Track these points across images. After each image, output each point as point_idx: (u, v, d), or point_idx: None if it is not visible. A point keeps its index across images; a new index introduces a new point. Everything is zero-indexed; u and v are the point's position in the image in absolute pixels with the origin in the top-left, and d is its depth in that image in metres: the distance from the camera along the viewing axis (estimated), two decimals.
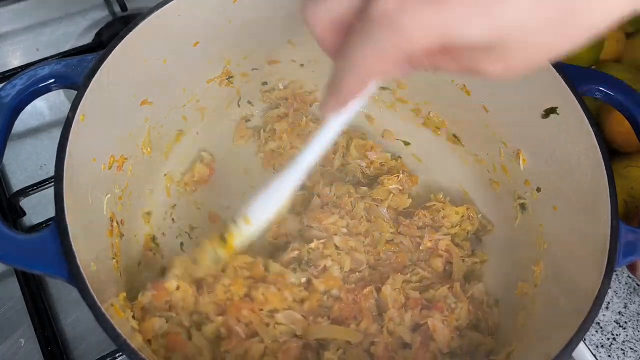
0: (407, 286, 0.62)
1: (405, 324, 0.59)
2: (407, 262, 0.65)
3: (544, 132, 0.62)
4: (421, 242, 0.66)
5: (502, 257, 0.69)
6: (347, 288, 0.61)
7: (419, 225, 0.68)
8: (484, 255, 0.69)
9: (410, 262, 0.66)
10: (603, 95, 0.59)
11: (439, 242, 0.66)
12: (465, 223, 0.69)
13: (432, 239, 0.66)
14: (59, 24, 0.95)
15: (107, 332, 0.43)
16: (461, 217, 0.69)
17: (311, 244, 0.63)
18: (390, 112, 0.81)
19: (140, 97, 0.64)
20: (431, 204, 0.70)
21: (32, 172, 0.78)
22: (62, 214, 0.47)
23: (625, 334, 0.68)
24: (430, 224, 0.68)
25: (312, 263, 0.62)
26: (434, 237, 0.66)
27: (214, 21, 0.66)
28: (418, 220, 0.68)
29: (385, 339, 0.58)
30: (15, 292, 0.67)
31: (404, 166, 0.76)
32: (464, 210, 0.69)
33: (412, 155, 0.78)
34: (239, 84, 0.77)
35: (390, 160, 0.75)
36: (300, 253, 0.63)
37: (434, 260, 0.66)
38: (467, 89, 0.70)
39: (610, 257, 0.49)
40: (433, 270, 0.65)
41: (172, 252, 0.68)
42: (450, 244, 0.66)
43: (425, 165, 0.77)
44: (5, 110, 0.51)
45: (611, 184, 0.53)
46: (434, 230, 0.68)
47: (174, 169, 0.74)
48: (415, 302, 0.60)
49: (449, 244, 0.66)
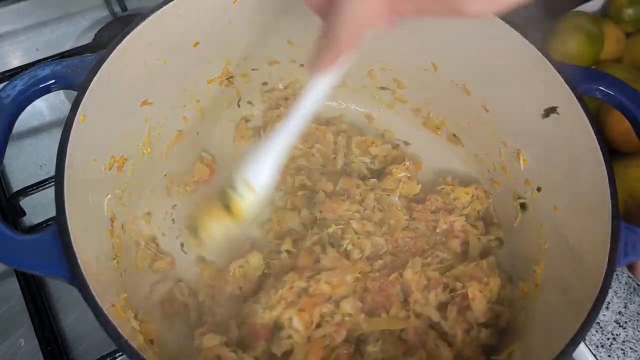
0: (427, 269, 0.63)
1: (431, 304, 0.60)
2: (425, 246, 0.66)
3: (545, 132, 0.62)
4: (437, 226, 0.67)
5: (502, 257, 0.69)
6: (372, 277, 0.61)
7: (432, 209, 0.69)
8: (498, 232, 0.70)
9: (428, 246, 0.67)
10: (603, 95, 0.59)
11: (454, 223, 0.68)
12: (475, 203, 0.70)
13: (448, 221, 0.67)
14: (59, 24, 0.95)
15: (109, 333, 0.43)
16: (471, 197, 0.70)
17: (329, 229, 0.64)
18: (390, 112, 0.81)
19: (141, 98, 0.64)
20: (441, 187, 0.71)
21: (32, 172, 0.78)
22: (63, 215, 0.47)
23: (625, 334, 0.68)
24: (443, 207, 0.69)
25: (336, 244, 0.63)
26: (449, 219, 0.68)
27: (214, 21, 0.66)
28: (430, 205, 0.69)
29: (413, 322, 0.59)
30: (15, 292, 0.67)
31: (406, 154, 0.76)
32: (473, 190, 0.71)
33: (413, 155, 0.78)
34: (239, 84, 0.77)
35: (392, 150, 0.76)
36: (320, 237, 0.64)
37: (451, 242, 0.67)
38: (467, 88, 0.70)
39: (611, 257, 0.49)
40: (451, 251, 0.66)
41: (173, 252, 0.68)
42: (466, 224, 0.68)
43: (425, 165, 0.77)
44: (6, 111, 0.51)
45: (611, 184, 0.53)
46: (447, 212, 0.69)
47: (174, 169, 0.74)
48: (436, 282, 0.61)
49: (464, 224, 0.68)
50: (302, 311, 0.57)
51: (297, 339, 0.56)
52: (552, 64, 0.58)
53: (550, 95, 0.60)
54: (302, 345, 0.56)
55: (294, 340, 0.56)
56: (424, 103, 0.78)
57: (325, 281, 0.59)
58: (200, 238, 0.56)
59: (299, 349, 0.56)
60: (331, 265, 0.61)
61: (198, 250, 0.65)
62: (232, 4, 0.65)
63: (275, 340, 0.56)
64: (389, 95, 0.79)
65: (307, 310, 0.57)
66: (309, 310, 0.57)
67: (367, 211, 0.68)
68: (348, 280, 0.60)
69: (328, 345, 0.57)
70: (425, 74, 0.74)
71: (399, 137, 0.80)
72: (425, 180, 0.74)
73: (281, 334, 0.56)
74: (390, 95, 0.79)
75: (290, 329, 0.56)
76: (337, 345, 0.57)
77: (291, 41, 0.74)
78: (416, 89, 0.77)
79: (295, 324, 0.56)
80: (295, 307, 0.57)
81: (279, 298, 0.58)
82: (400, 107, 0.80)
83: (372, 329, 0.58)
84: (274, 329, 0.57)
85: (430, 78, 0.74)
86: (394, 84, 0.78)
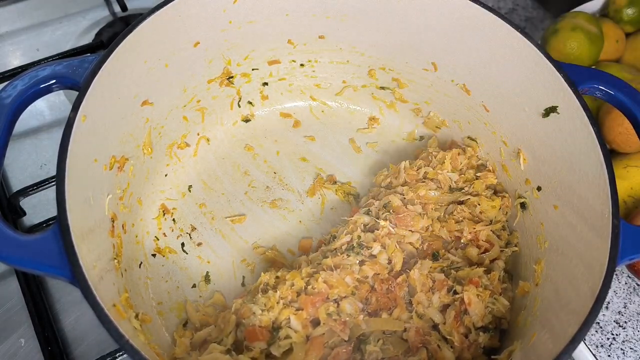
0: (434, 270, 0.62)
1: (434, 306, 0.60)
2: (440, 249, 0.65)
3: (545, 131, 0.62)
4: (461, 236, 0.65)
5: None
6: (380, 278, 0.61)
7: (457, 219, 0.67)
8: (515, 240, 0.68)
9: (445, 251, 0.65)
10: (603, 94, 0.59)
11: (480, 233, 0.66)
12: (499, 215, 0.68)
13: (472, 231, 0.65)
14: (59, 24, 0.95)
15: (110, 332, 0.43)
16: (499, 209, 0.68)
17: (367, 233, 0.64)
18: (390, 112, 0.81)
19: (141, 98, 0.64)
20: (466, 198, 0.68)
21: (32, 172, 0.78)
22: (64, 215, 0.47)
23: (625, 333, 0.68)
24: (471, 218, 0.67)
25: (365, 245, 0.63)
26: (473, 229, 0.65)
27: (214, 21, 0.66)
28: (457, 215, 0.67)
29: (415, 323, 0.59)
30: (15, 292, 0.67)
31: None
32: (499, 202, 0.68)
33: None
34: (239, 84, 0.77)
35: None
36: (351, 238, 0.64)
37: (470, 250, 0.65)
38: (467, 88, 0.71)
39: (611, 256, 0.49)
40: (466, 257, 0.65)
41: (173, 252, 0.68)
42: (491, 234, 0.66)
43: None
44: (7, 111, 0.51)
45: (611, 183, 0.53)
46: (472, 222, 0.67)
47: (175, 169, 0.74)
48: (441, 284, 0.61)
49: (490, 235, 0.66)
50: (300, 310, 0.57)
51: (295, 339, 0.56)
52: (552, 64, 0.58)
53: (550, 95, 0.60)
54: (300, 345, 0.56)
55: (293, 340, 0.56)
56: (424, 103, 0.78)
57: (324, 280, 0.59)
58: None
59: (298, 348, 0.56)
60: (333, 265, 0.61)
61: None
62: (232, 4, 0.65)
63: (274, 340, 0.56)
64: (389, 95, 0.80)
65: (305, 308, 0.57)
66: (307, 308, 0.57)
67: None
68: (348, 281, 0.60)
69: (327, 343, 0.57)
70: (425, 74, 0.74)
71: (399, 137, 0.80)
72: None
73: (280, 334, 0.56)
74: (390, 95, 0.80)
75: (288, 329, 0.56)
76: (337, 344, 0.57)
77: (291, 41, 0.74)
78: (416, 88, 0.77)
79: (294, 324, 0.57)
80: (293, 306, 0.58)
81: (278, 298, 0.58)
82: (400, 107, 0.80)
83: (371, 329, 0.58)
84: (272, 330, 0.57)
85: (430, 78, 0.74)
86: (394, 84, 0.78)
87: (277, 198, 0.74)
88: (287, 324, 0.57)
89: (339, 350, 0.56)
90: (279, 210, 0.73)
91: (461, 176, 0.70)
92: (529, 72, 0.61)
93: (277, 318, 0.57)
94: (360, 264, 0.61)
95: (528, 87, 0.62)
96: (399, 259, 0.62)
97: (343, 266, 0.61)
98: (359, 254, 0.62)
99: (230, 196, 0.74)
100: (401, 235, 0.64)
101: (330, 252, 0.64)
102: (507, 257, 0.66)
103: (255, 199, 0.74)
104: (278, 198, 0.74)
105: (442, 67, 0.72)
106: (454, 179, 0.69)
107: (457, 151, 0.71)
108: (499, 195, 0.69)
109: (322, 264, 0.62)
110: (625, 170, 0.72)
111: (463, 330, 0.58)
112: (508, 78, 0.64)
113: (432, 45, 0.70)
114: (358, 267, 0.61)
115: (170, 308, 0.64)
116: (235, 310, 0.59)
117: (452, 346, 0.58)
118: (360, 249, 0.62)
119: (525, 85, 0.63)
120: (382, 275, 0.61)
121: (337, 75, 0.79)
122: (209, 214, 0.72)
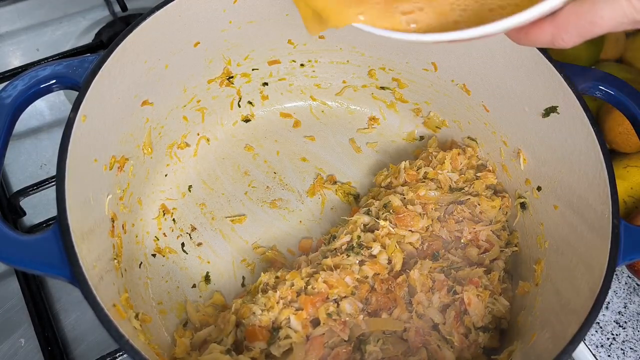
0: (434, 270, 0.62)
1: (434, 306, 0.60)
2: (440, 249, 0.65)
3: (545, 131, 0.62)
4: (461, 236, 0.66)
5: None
6: (380, 278, 0.61)
7: (457, 219, 0.67)
8: (515, 240, 0.69)
9: (445, 251, 0.65)
10: (603, 94, 0.59)
11: (479, 233, 0.66)
12: (499, 215, 0.68)
13: (472, 231, 0.66)
14: (59, 24, 0.95)
15: (111, 332, 0.43)
16: (499, 209, 0.68)
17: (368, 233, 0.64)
18: (390, 112, 0.81)
19: (141, 98, 0.64)
20: (466, 198, 0.68)
21: (32, 172, 0.78)
22: (64, 215, 0.47)
23: (625, 333, 0.68)
24: (471, 218, 0.67)
25: (365, 245, 0.63)
26: (473, 229, 0.66)
27: (214, 21, 0.66)
28: (457, 215, 0.67)
29: (415, 323, 0.59)
30: (15, 292, 0.67)
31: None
32: (499, 202, 0.68)
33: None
34: (239, 84, 0.77)
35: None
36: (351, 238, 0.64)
37: (470, 250, 0.65)
38: (467, 88, 0.71)
39: (611, 256, 0.49)
40: (466, 257, 0.65)
41: (173, 252, 0.68)
42: (491, 234, 0.66)
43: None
44: (7, 111, 0.51)
45: (611, 183, 0.53)
46: (472, 222, 0.67)
47: (175, 169, 0.74)
48: (441, 284, 0.61)
49: (490, 235, 0.66)
50: (299, 310, 0.57)
51: (295, 339, 0.56)
52: (552, 64, 0.58)
53: (550, 95, 0.60)
54: (300, 345, 0.56)
55: (293, 340, 0.56)
56: (424, 103, 0.78)
57: (324, 280, 0.59)
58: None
59: (298, 348, 0.56)
60: (333, 265, 0.61)
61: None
62: (232, 4, 0.65)
63: (274, 340, 0.56)
64: (389, 95, 0.80)
65: (304, 308, 0.57)
66: (307, 308, 0.57)
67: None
68: (347, 281, 0.60)
69: (327, 343, 0.57)
70: (425, 74, 0.74)
71: (399, 137, 0.80)
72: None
73: (280, 334, 0.56)
74: (390, 95, 0.80)
75: (288, 329, 0.56)
76: (337, 344, 0.57)
77: (291, 41, 0.74)
78: (416, 88, 0.77)
79: (294, 324, 0.57)
80: (293, 306, 0.58)
81: (278, 298, 0.58)
82: (400, 107, 0.80)
83: (371, 329, 0.58)
84: (272, 330, 0.57)
85: (430, 78, 0.74)
86: (394, 84, 0.78)
87: (277, 198, 0.74)
88: (287, 324, 0.57)
89: (339, 350, 0.57)
90: (279, 210, 0.73)
91: (461, 176, 0.70)
92: (529, 72, 0.61)
93: (277, 318, 0.57)
94: (360, 264, 0.61)
95: (528, 87, 0.62)
96: (399, 259, 0.62)
97: (343, 266, 0.61)
98: (358, 254, 0.62)
99: (230, 196, 0.74)
100: (401, 235, 0.64)
101: (330, 252, 0.64)
102: (507, 257, 0.66)
103: (255, 199, 0.74)
104: (278, 198, 0.74)
105: (442, 67, 0.72)
106: (454, 179, 0.69)
107: (457, 151, 0.72)
108: (499, 196, 0.69)
109: (322, 264, 0.62)
110: (625, 170, 0.72)
111: (463, 330, 0.58)
112: (508, 78, 0.64)
113: (432, 46, 0.70)
114: (358, 267, 0.61)
115: (170, 308, 0.64)
116: (235, 310, 0.59)
117: (452, 346, 0.58)
118: (360, 249, 0.62)
119: (525, 85, 0.63)
120: (382, 275, 0.61)
121: (337, 75, 0.79)
122: (209, 214, 0.72)
